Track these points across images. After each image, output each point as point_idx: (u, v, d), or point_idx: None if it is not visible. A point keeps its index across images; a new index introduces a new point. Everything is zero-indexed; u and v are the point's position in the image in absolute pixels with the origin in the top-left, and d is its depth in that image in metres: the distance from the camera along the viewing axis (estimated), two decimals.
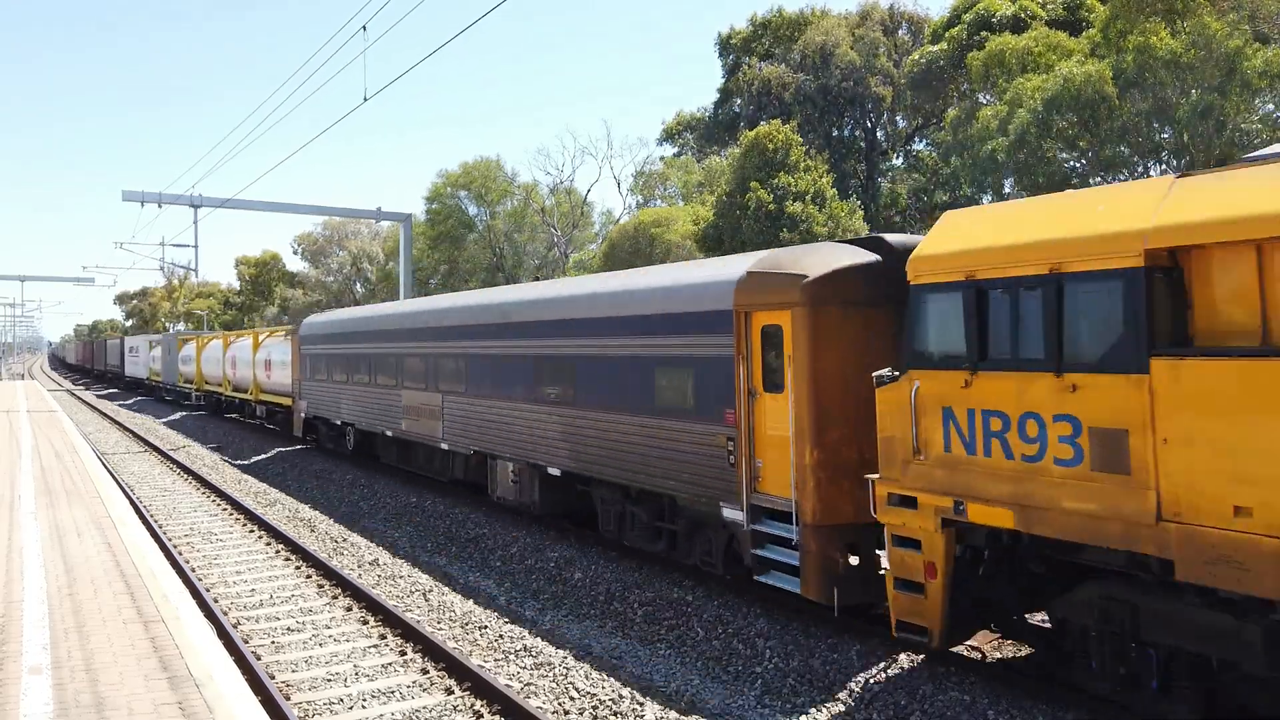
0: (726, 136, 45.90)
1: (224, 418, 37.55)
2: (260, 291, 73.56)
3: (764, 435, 9.48)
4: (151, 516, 16.41)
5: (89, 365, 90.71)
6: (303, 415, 24.33)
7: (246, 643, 9.51)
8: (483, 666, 8.74)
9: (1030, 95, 27.14)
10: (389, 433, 19.00)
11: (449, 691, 8.22)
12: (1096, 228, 6.41)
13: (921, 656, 8.43)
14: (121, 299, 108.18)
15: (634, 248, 35.51)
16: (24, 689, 6.01)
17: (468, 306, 16.09)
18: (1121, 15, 25.54)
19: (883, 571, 8.21)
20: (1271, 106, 25.29)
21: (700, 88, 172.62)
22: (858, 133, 44.42)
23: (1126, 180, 28.79)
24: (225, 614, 10.51)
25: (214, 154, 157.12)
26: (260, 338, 30.21)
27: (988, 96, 32.52)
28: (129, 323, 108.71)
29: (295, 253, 68.77)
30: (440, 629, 10.10)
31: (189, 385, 41.28)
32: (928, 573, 7.32)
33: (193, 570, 12.63)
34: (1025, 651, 8.70)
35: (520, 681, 8.48)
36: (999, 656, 8.72)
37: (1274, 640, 5.70)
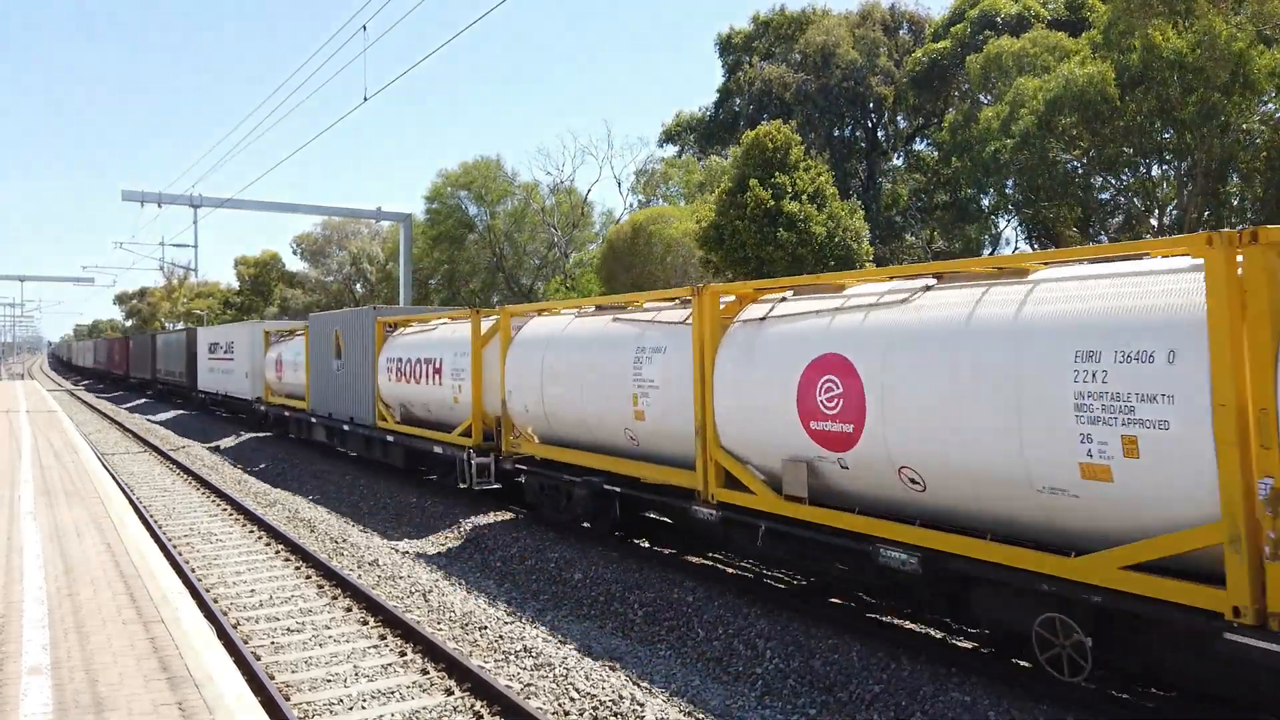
0: (727, 136, 45.89)
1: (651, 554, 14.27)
2: (260, 291, 73.50)
3: None
4: (151, 517, 16.40)
5: (121, 372, 63.38)
6: None
7: (246, 643, 9.50)
8: (483, 667, 8.72)
9: (1032, 96, 27.15)
10: None
11: (449, 692, 8.20)
12: None
13: (923, 656, 8.42)
14: (121, 299, 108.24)
15: (632, 248, 35.50)
16: (24, 689, 6.00)
17: None
18: (1123, 18, 25.54)
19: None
20: (1272, 106, 25.28)
21: (701, 88, 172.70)
22: (858, 133, 44.42)
23: (1129, 180, 28.81)
24: (225, 614, 10.49)
25: (214, 154, 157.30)
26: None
27: (988, 98, 32.54)
28: (129, 323, 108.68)
29: (295, 253, 68.79)
30: (440, 629, 10.09)
31: (428, 437, 17.52)
32: None
33: (192, 570, 12.61)
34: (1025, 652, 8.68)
35: (520, 682, 8.47)
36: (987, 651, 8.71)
37: None
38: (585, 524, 13.65)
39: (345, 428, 21.53)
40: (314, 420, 23.92)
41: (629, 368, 11.52)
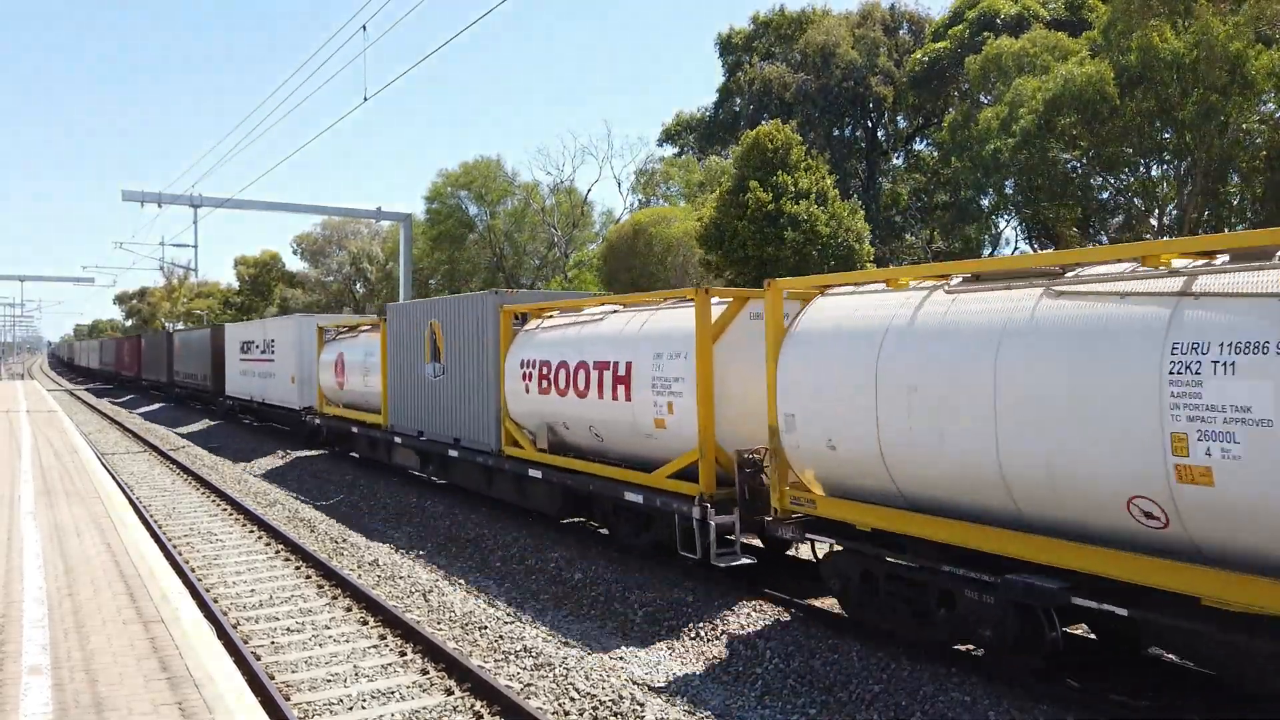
0: (727, 136, 45.90)
1: None
2: (260, 291, 73.48)
3: None
4: (151, 516, 16.40)
5: (132, 373, 58.21)
6: None
7: (246, 643, 9.50)
8: (483, 667, 8.72)
9: (1031, 95, 27.16)
10: None
11: (449, 692, 8.20)
12: None
13: (922, 656, 8.42)
14: (121, 299, 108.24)
15: (631, 247, 35.51)
16: (24, 689, 6.00)
17: None
18: (1122, 18, 25.55)
19: None
20: (1272, 106, 25.29)
21: (701, 88, 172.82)
22: (858, 133, 44.42)
23: (1128, 180, 28.82)
24: (225, 614, 10.49)
25: (214, 154, 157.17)
26: None
27: (987, 98, 32.56)
28: (129, 322, 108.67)
29: (295, 253, 68.78)
30: (440, 629, 10.09)
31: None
32: None
33: (192, 570, 12.61)
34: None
35: (520, 682, 8.47)
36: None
37: None
38: (975, 648, 8.55)
39: (451, 453, 16.58)
40: (396, 440, 19.02)
41: (1154, 381, 6.13)
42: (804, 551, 11.53)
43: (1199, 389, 5.94)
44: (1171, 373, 6.07)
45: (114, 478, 18.69)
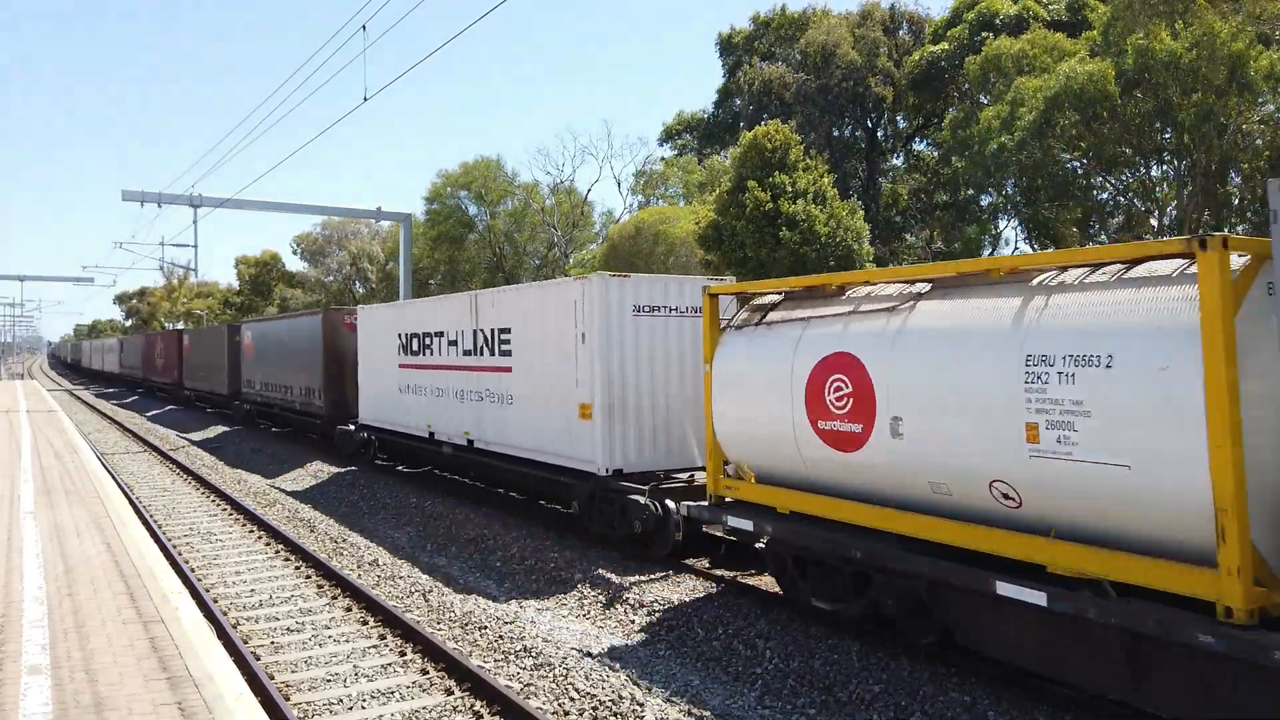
0: (727, 136, 45.91)
1: None
2: (260, 291, 73.51)
3: None
4: (151, 516, 16.40)
5: (168, 380, 45.47)
6: None
7: (246, 643, 9.50)
8: (482, 667, 8.72)
9: (1031, 95, 27.16)
10: None
11: (449, 692, 8.21)
12: None
13: (922, 656, 8.42)
14: (121, 299, 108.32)
15: (634, 247, 35.54)
16: (23, 689, 6.00)
17: None
18: (1122, 18, 25.53)
19: None
20: (1272, 108, 25.28)
21: (701, 88, 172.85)
22: (858, 133, 44.43)
23: (1129, 180, 28.85)
24: (225, 614, 10.49)
25: (214, 154, 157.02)
26: None
27: (987, 98, 32.55)
28: (129, 322, 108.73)
29: (295, 253, 68.84)
30: (440, 629, 10.09)
31: None
32: None
33: (192, 570, 12.61)
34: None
35: (520, 682, 8.47)
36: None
37: None
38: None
39: None
40: None
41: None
42: None
43: None
44: None
45: (114, 477, 18.70)
